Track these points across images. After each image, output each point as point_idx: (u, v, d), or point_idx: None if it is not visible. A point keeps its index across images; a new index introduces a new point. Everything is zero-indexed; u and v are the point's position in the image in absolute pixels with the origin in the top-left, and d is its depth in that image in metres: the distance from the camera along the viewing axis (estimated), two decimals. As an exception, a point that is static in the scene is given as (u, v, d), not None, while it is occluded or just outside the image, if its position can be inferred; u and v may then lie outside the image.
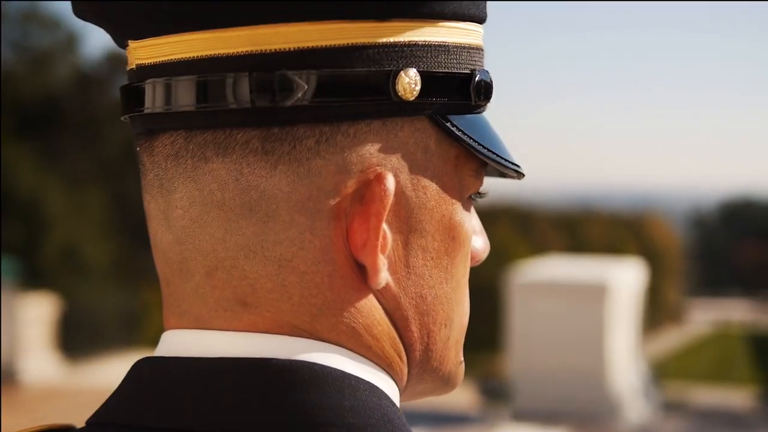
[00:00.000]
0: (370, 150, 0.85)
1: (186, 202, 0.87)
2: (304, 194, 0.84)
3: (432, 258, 0.90)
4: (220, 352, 0.85)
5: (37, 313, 17.05)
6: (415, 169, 0.88)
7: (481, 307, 21.78)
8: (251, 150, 0.84)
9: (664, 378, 24.76)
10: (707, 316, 50.83)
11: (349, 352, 0.86)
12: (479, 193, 0.97)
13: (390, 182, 0.85)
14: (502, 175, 1.00)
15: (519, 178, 1.00)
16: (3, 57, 25.05)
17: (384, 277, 0.86)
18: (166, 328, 0.93)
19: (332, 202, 0.85)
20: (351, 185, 0.85)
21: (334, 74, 0.83)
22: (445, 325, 0.93)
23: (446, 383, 0.98)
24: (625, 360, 16.81)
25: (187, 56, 0.85)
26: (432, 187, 0.89)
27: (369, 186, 0.85)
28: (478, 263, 1.01)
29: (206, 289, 0.87)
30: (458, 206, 0.93)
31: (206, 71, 0.85)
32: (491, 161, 0.94)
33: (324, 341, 0.85)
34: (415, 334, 0.90)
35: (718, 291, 59.59)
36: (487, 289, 30.14)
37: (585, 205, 50.53)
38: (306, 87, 0.83)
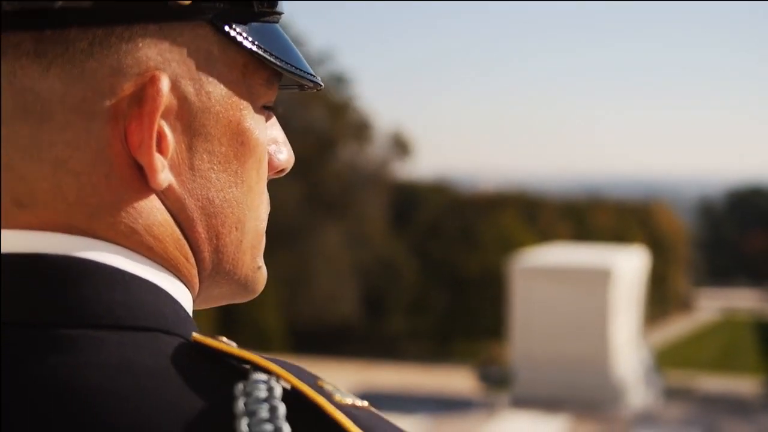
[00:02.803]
0: (147, 53, 0.86)
1: None
2: (79, 96, 0.86)
3: (219, 162, 0.91)
4: None
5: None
6: (197, 74, 0.89)
7: (485, 295, 21.85)
8: (24, 52, 0.85)
9: (671, 366, 24.77)
10: (714, 305, 50.86)
11: (128, 252, 0.87)
12: (274, 105, 0.98)
13: (164, 84, 0.86)
14: (301, 87, 1.01)
15: (316, 89, 1.01)
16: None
17: (165, 177, 0.87)
18: None
19: (108, 103, 0.86)
20: (128, 88, 0.86)
21: None
22: (236, 228, 0.93)
23: (245, 288, 0.97)
24: (627, 346, 16.81)
25: None
26: (217, 93, 0.90)
27: (144, 88, 0.86)
28: (282, 174, 1.01)
29: None
30: (248, 113, 0.93)
31: None
32: (280, 68, 0.94)
33: (102, 240, 0.87)
34: (202, 235, 0.91)
35: (725, 280, 59.56)
36: (492, 277, 30.17)
37: (592, 194, 50.43)
38: None
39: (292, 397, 0.78)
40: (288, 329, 29.24)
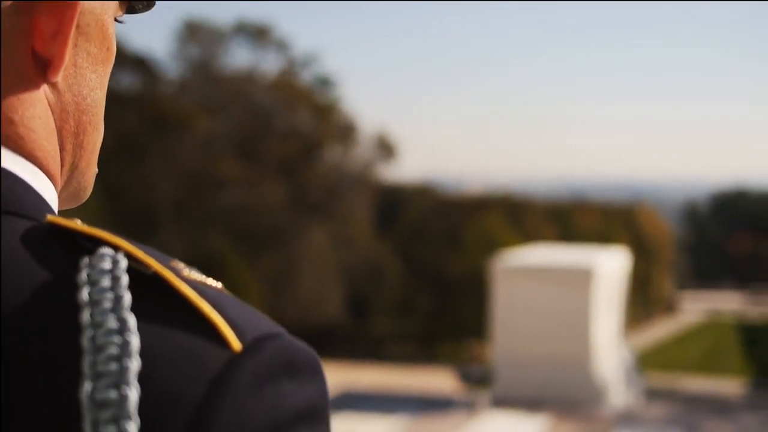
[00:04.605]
0: None
1: None
2: None
3: (92, 63, 0.94)
4: None
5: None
6: None
7: (470, 296, 21.74)
8: None
9: (655, 367, 24.82)
10: (698, 307, 51.01)
11: None
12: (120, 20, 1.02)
13: None
14: (132, 10, 1.04)
15: (147, 9, 1.05)
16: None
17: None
18: None
19: None
20: None
21: None
22: (96, 129, 0.96)
23: (84, 191, 1.00)
24: (609, 346, 16.83)
25: None
26: None
27: None
28: None
29: None
30: (111, 22, 0.96)
31: None
32: None
33: None
34: (71, 130, 0.93)
35: (709, 282, 59.73)
36: (477, 278, 30.20)
37: (577, 196, 50.54)
38: None
39: (138, 270, 0.79)
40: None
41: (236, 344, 0.76)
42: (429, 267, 37.42)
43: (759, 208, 66.49)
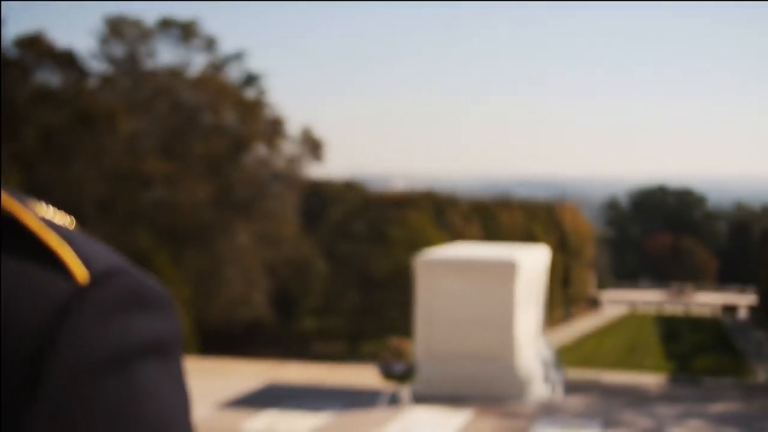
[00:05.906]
0: None
1: None
2: None
3: None
4: None
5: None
6: None
7: (394, 294, 21.57)
8: None
9: (577, 362, 25.19)
10: (620, 303, 51.69)
11: None
12: None
13: None
14: None
15: None
16: None
17: None
18: None
19: None
20: None
21: None
22: None
23: None
24: (531, 341, 16.96)
25: None
26: None
27: None
28: None
29: None
30: None
31: None
32: None
33: None
34: None
35: (630, 279, 60.54)
36: (401, 276, 30.36)
37: (501, 194, 50.90)
38: None
39: None
40: (196, 329, 29.09)
41: (83, 276, 0.77)
42: (355, 265, 37.53)
43: (678, 206, 67.55)
